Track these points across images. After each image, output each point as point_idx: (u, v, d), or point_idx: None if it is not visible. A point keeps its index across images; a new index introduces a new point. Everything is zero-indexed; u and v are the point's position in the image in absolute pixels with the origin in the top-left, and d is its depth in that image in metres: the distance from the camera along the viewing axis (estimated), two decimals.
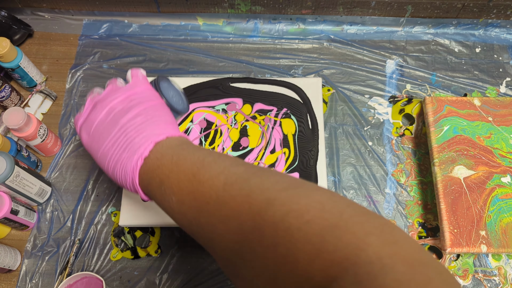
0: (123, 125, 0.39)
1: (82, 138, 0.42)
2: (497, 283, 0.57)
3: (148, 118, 0.39)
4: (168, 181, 0.35)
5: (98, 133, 0.40)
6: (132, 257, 0.58)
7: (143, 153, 0.37)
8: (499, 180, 0.58)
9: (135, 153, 0.37)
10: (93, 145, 0.41)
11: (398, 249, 0.25)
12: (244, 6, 0.71)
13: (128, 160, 0.38)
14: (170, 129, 0.39)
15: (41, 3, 0.72)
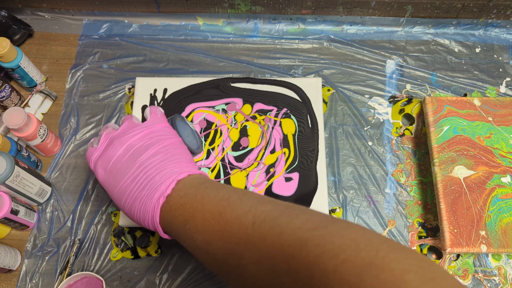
0: (143, 163, 0.39)
1: (98, 173, 0.42)
2: (497, 283, 0.58)
3: (168, 156, 0.39)
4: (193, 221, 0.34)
5: (116, 169, 0.40)
6: (132, 257, 0.58)
7: (165, 191, 0.37)
8: (499, 180, 0.58)
9: (156, 191, 0.37)
10: (110, 181, 0.40)
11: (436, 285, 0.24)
12: (244, 6, 0.71)
13: (148, 198, 0.37)
14: (190, 167, 0.40)
15: (41, 3, 0.72)
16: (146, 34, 0.73)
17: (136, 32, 0.74)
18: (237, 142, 0.60)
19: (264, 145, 0.60)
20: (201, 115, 0.62)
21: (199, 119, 0.62)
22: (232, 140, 0.61)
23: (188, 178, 0.38)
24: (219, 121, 0.62)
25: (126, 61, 0.71)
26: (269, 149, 0.60)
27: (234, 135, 0.61)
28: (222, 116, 0.62)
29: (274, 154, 0.60)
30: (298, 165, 0.59)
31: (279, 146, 0.60)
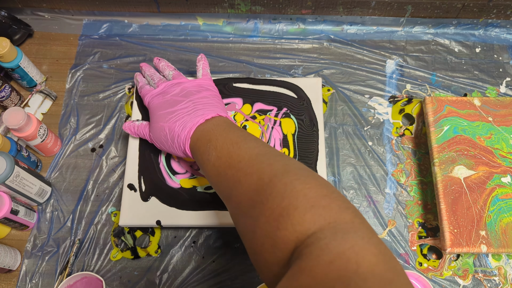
0: (193, 99, 0.52)
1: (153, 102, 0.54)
2: (497, 283, 0.57)
3: (213, 100, 0.52)
4: (216, 141, 0.45)
5: (172, 100, 0.53)
6: (132, 257, 0.58)
7: (206, 116, 0.49)
8: (499, 180, 0.58)
9: (198, 116, 0.49)
10: (161, 106, 0.53)
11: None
12: (244, 6, 0.71)
13: (191, 119, 0.49)
14: (226, 113, 0.52)
15: (41, 3, 0.72)
16: (146, 34, 0.73)
17: (136, 32, 0.74)
18: None
19: None
20: None
21: None
22: None
23: (225, 117, 0.50)
24: None
25: (126, 61, 0.71)
26: None
27: None
28: None
29: None
30: None
31: (279, 146, 0.60)
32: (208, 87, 0.54)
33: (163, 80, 0.56)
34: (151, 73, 0.59)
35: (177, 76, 0.56)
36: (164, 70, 0.58)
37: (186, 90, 0.53)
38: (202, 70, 0.58)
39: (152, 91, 0.56)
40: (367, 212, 0.61)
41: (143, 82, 0.60)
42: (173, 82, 0.55)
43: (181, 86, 0.54)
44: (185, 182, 0.58)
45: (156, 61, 0.60)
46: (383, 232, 0.60)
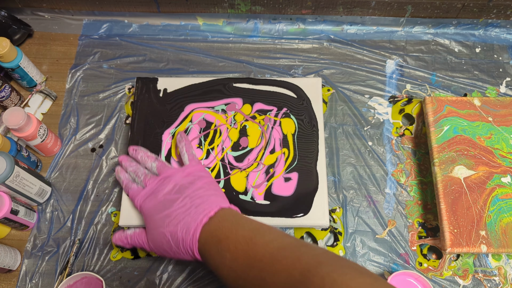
0: (189, 194, 0.47)
1: (146, 207, 0.50)
2: (497, 283, 0.57)
3: (209, 190, 0.48)
4: (226, 241, 0.42)
5: (165, 200, 0.48)
6: (132, 257, 0.58)
7: (209, 213, 0.45)
8: (499, 180, 0.58)
9: (200, 214, 0.45)
10: (157, 209, 0.48)
11: None
12: (244, 6, 0.71)
13: (192, 219, 0.45)
14: (226, 201, 0.48)
15: (41, 3, 0.72)
16: (146, 34, 0.73)
17: (136, 32, 0.74)
18: (236, 142, 0.60)
19: (263, 145, 0.60)
20: (201, 115, 0.62)
21: (198, 119, 0.62)
22: (232, 140, 0.61)
23: (228, 208, 0.47)
24: (218, 121, 0.62)
25: (126, 61, 0.71)
26: (269, 149, 0.60)
27: (233, 135, 0.61)
28: (221, 116, 0.62)
29: (274, 154, 0.60)
30: (297, 165, 0.59)
31: (279, 146, 0.60)
32: (199, 174, 0.50)
33: (149, 176, 0.52)
34: (134, 168, 0.54)
35: (162, 168, 0.52)
36: (145, 162, 0.54)
37: (179, 185, 0.49)
38: (186, 154, 0.53)
39: (140, 192, 0.51)
40: (367, 212, 0.61)
41: (127, 179, 0.54)
42: (161, 177, 0.50)
43: (171, 181, 0.49)
44: None
45: (133, 152, 0.56)
46: (383, 232, 0.60)
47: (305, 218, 0.56)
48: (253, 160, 0.59)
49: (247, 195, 0.57)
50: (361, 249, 0.59)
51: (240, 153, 0.60)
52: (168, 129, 0.61)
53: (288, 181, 0.58)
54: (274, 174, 0.58)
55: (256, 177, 0.58)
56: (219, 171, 0.59)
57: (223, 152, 0.60)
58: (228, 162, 0.59)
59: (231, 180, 0.58)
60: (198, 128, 0.61)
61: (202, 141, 0.60)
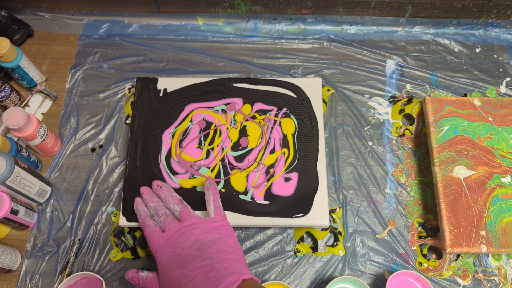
0: (210, 256, 0.44)
1: (161, 255, 0.47)
2: (497, 283, 0.57)
3: (232, 255, 0.45)
4: None
5: (183, 256, 0.45)
6: (132, 257, 0.58)
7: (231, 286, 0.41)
8: (499, 180, 0.58)
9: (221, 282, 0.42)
10: (173, 264, 0.45)
11: None
12: (244, 6, 0.71)
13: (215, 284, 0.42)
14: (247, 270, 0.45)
15: (41, 3, 0.72)
16: (146, 34, 0.73)
17: (136, 32, 0.74)
18: (236, 142, 0.60)
19: (263, 145, 0.60)
20: (200, 115, 0.62)
21: (198, 119, 0.62)
22: (232, 140, 0.61)
23: (250, 280, 0.43)
24: (218, 121, 0.62)
25: (126, 61, 0.71)
26: (269, 149, 0.60)
27: (233, 135, 0.61)
28: (221, 116, 0.62)
29: (274, 154, 0.60)
30: (297, 165, 0.59)
31: (279, 146, 0.60)
32: (224, 232, 0.47)
33: (170, 219, 0.49)
34: (155, 205, 0.51)
35: (185, 214, 0.49)
36: (168, 202, 0.51)
37: (201, 242, 0.45)
38: (213, 205, 0.50)
39: (159, 236, 0.48)
40: (367, 212, 0.61)
41: (145, 214, 0.51)
42: (183, 226, 0.47)
43: (194, 235, 0.46)
44: (185, 182, 0.58)
45: (157, 187, 0.53)
46: (383, 232, 0.60)
47: (305, 218, 0.56)
48: (253, 160, 0.59)
49: (247, 195, 0.57)
50: (361, 249, 0.59)
51: (240, 153, 0.60)
52: (168, 129, 0.61)
53: (288, 181, 0.58)
54: (274, 174, 0.58)
55: (256, 177, 0.58)
56: (219, 171, 0.59)
57: (223, 152, 0.60)
58: (228, 162, 0.59)
59: (231, 180, 0.58)
60: (198, 128, 0.61)
61: (202, 141, 0.60)
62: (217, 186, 0.52)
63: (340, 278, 0.54)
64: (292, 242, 0.59)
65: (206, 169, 0.59)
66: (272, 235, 0.60)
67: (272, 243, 0.59)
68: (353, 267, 0.58)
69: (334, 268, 0.58)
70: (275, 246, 0.59)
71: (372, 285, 0.57)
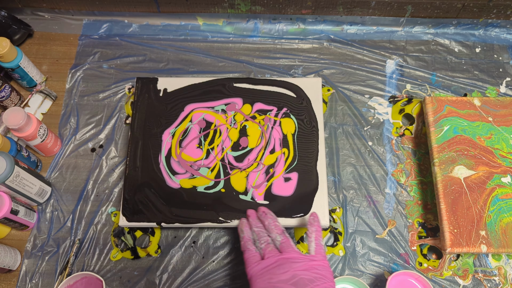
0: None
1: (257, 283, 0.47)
2: (497, 283, 0.57)
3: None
4: None
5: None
6: (132, 257, 0.58)
7: None
8: (499, 180, 0.58)
9: None
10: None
11: None
12: (244, 6, 0.71)
13: None
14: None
15: (41, 3, 0.72)
16: (146, 34, 0.73)
17: (136, 32, 0.74)
18: (236, 142, 0.60)
19: (263, 145, 0.60)
20: (200, 115, 0.62)
21: (198, 119, 0.62)
22: (232, 140, 0.61)
23: None
24: (218, 121, 0.62)
25: (126, 61, 0.71)
26: (269, 149, 0.60)
27: (233, 135, 0.61)
28: (221, 116, 0.62)
29: (274, 154, 0.60)
30: (297, 165, 0.59)
31: (279, 146, 0.60)
32: (323, 274, 0.46)
33: (270, 249, 0.49)
34: (259, 230, 0.52)
35: (286, 246, 0.49)
36: (271, 230, 0.51)
37: (297, 278, 0.45)
38: (315, 243, 0.49)
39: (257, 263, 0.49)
40: (367, 212, 0.61)
41: (249, 237, 0.52)
42: (283, 258, 0.48)
43: (292, 269, 0.46)
44: (185, 182, 0.58)
45: (262, 213, 0.54)
46: (383, 232, 0.60)
47: (305, 218, 0.56)
48: (253, 160, 0.59)
49: (247, 195, 0.57)
50: (361, 249, 0.59)
51: (240, 153, 0.60)
52: (168, 129, 0.61)
53: (288, 181, 0.58)
54: (274, 174, 0.58)
55: (256, 177, 0.58)
56: (219, 171, 0.59)
57: (223, 152, 0.60)
58: (228, 162, 0.59)
59: (231, 180, 0.58)
60: (198, 128, 0.61)
61: (202, 141, 0.60)
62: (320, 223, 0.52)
63: (340, 278, 0.54)
64: None
65: (206, 169, 0.59)
66: None
67: None
68: (353, 267, 0.58)
69: (334, 268, 0.58)
70: None
71: (372, 285, 0.57)
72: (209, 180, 0.58)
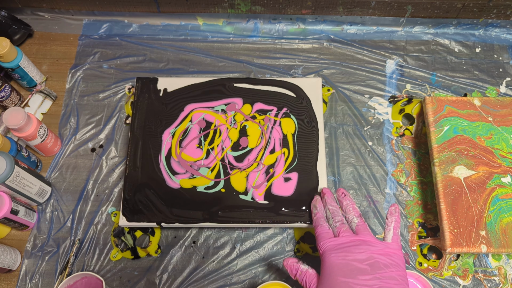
0: (380, 278, 0.44)
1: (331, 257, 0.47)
2: (497, 283, 0.57)
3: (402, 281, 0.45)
4: None
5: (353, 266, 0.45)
6: (132, 257, 0.58)
7: None
8: (499, 180, 0.58)
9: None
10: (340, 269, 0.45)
11: None
12: (244, 6, 0.71)
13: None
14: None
15: (41, 3, 0.72)
16: (146, 34, 0.73)
17: (136, 32, 0.74)
18: (236, 142, 0.60)
19: (263, 145, 0.60)
20: (200, 115, 0.62)
21: (198, 119, 0.62)
22: (232, 140, 0.61)
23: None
24: (218, 121, 0.62)
25: (126, 61, 0.71)
26: (269, 149, 0.60)
27: (233, 135, 0.61)
28: (221, 116, 0.62)
29: (274, 154, 0.60)
30: (297, 165, 0.59)
31: (279, 146, 0.60)
32: (398, 263, 0.46)
33: (345, 229, 0.50)
34: (333, 209, 0.53)
35: (362, 229, 0.49)
36: (348, 211, 0.52)
37: (373, 260, 0.46)
38: (393, 232, 0.49)
39: (331, 239, 0.49)
40: (367, 212, 0.61)
41: (322, 214, 0.53)
42: (358, 239, 0.48)
43: (368, 250, 0.46)
44: (185, 182, 0.58)
45: (341, 195, 0.54)
46: (383, 232, 0.60)
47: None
48: (253, 160, 0.59)
49: (248, 195, 0.57)
50: None
51: (240, 153, 0.60)
52: (168, 128, 0.61)
53: (288, 181, 0.58)
54: (274, 174, 0.58)
55: (256, 177, 0.58)
56: (219, 171, 0.59)
57: (223, 152, 0.60)
58: (228, 162, 0.59)
59: (231, 180, 0.58)
60: (198, 128, 0.61)
61: (202, 141, 0.60)
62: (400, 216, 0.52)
63: None
64: (292, 242, 0.59)
65: (206, 169, 0.59)
66: (272, 235, 0.60)
67: (272, 243, 0.59)
68: None
69: None
70: (275, 246, 0.59)
71: None
72: (209, 180, 0.58)
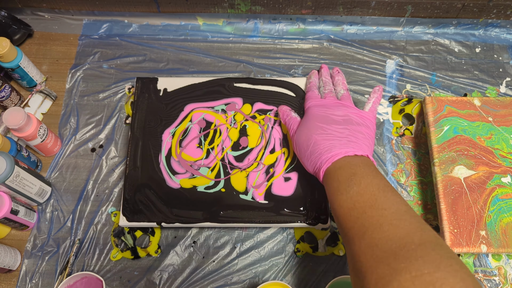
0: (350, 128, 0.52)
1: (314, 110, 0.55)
2: (497, 283, 0.57)
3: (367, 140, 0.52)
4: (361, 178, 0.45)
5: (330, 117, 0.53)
6: (132, 257, 0.58)
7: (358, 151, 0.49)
8: (499, 180, 0.58)
9: (349, 147, 0.49)
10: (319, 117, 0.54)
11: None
12: (244, 6, 0.71)
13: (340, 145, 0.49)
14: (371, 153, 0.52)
15: (41, 3, 0.72)
16: (146, 34, 0.73)
17: (136, 32, 0.74)
18: (236, 141, 0.60)
19: (263, 145, 0.60)
20: (200, 115, 0.62)
21: (198, 119, 0.62)
22: (232, 139, 0.61)
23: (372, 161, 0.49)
24: (218, 121, 0.62)
25: (126, 61, 0.71)
26: (269, 149, 0.60)
27: (233, 134, 0.61)
28: (221, 116, 0.62)
29: (274, 154, 0.60)
30: (297, 165, 0.59)
31: (279, 146, 0.60)
32: (368, 125, 0.54)
33: (332, 95, 0.58)
34: (326, 80, 0.61)
35: (346, 98, 0.57)
36: (338, 85, 0.60)
37: (348, 117, 0.53)
38: (371, 104, 0.57)
39: (317, 99, 0.58)
40: None
41: (315, 83, 0.61)
42: (340, 103, 0.56)
43: (346, 111, 0.54)
44: (185, 182, 0.58)
45: (335, 72, 0.62)
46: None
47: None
48: (253, 160, 0.59)
49: (248, 195, 0.57)
50: None
51: (240, 153, 0.60)
52: (168, 128, 0.61)
53: (288, 181, 0.58)
54: (274, 174, 0.58)
55: (256, 177, 0.58)
56: (219, 171, 0.59)
57: (223, 151, 0.60)
58: (228, 162, 0.59)
59: (231, 180, 0.58)
60: (198, 128, 0.61)
61: (202, 141, 0.60)
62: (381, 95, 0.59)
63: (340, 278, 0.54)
64: (292, 242, 0.59)
65: (206, 169, 0.59)
66: (272, 235, 0.60)
67: (272, 243, 0.59)
68: None
69: (334, 268, 0.58)
70: (275, 246, 0.59)
71: None
72: (209, 180, 0.58)
